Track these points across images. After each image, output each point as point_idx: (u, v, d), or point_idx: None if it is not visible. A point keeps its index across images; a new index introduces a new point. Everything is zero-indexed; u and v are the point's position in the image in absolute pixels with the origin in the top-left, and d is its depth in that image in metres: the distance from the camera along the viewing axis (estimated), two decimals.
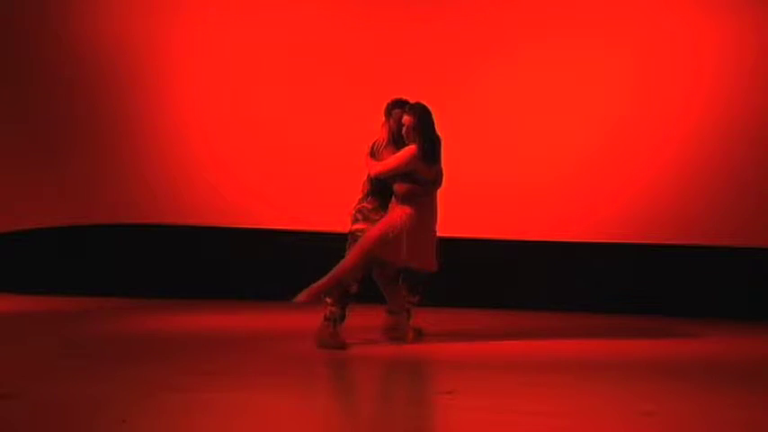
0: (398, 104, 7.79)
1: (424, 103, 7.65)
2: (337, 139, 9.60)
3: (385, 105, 7.87)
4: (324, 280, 7.55)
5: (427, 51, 9.68)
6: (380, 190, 7.73)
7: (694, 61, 9.27)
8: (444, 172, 7.66)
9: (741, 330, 8.66)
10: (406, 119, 7.61)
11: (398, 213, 7.57)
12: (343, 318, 7.65)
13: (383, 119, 7.83)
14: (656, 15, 9.34)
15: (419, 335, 7.87)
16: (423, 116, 7.60)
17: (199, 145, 10.39)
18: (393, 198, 7.65)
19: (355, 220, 7.77)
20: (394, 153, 7.64)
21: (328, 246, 8.11)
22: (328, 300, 7.62)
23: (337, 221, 8.00)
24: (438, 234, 7.71)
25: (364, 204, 7.78)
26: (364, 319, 7.88)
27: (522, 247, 9.68)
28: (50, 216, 10.65)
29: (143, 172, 10.48)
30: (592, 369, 6.87)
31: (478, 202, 9.47)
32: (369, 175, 7.77)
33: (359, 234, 7.68)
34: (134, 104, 10.51)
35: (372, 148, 7.76)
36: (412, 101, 7.72)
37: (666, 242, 9.34)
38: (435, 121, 7.63)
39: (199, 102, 10.39)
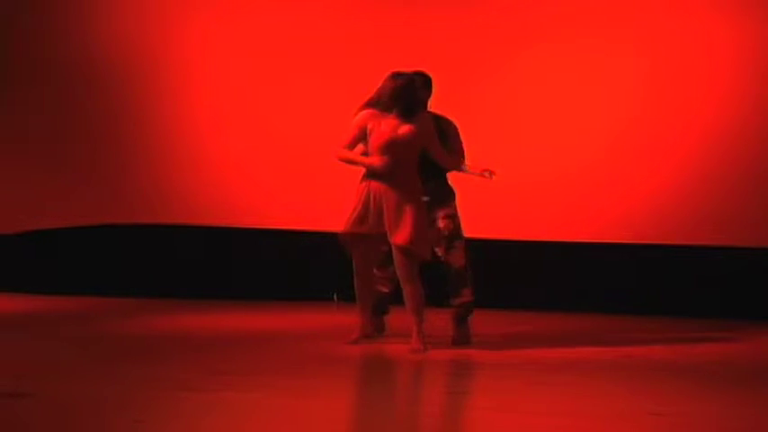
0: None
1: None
2: None
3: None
4: (415, 324, 7.38)
5: (436, 51, 9.68)
6: None
7: (708, 61, 9.26)
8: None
9: (749, 330, 8.66)
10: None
11: (415, 203, 7.31)
12: (382, 328, 7.81)
13: None
14: (670, 15, 9.34)
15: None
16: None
17: (208, 145, 10.41)
18: (403, 183, 7.32)
19: None
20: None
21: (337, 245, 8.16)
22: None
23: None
24: None
25: None
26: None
27: (530, 248, 9.69)
28: (57, 217, 10.70)
29: (148, 172, 10.52)
30: (598, 369, 6.87)
31: (486, 201, 9.40)
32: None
33: None
34: (137, 105, 10.56)
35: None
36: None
37: (678, 243, 9.33)
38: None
39: (205, 102, 10.43)
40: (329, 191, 9.64)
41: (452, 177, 7.86)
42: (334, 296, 9.82)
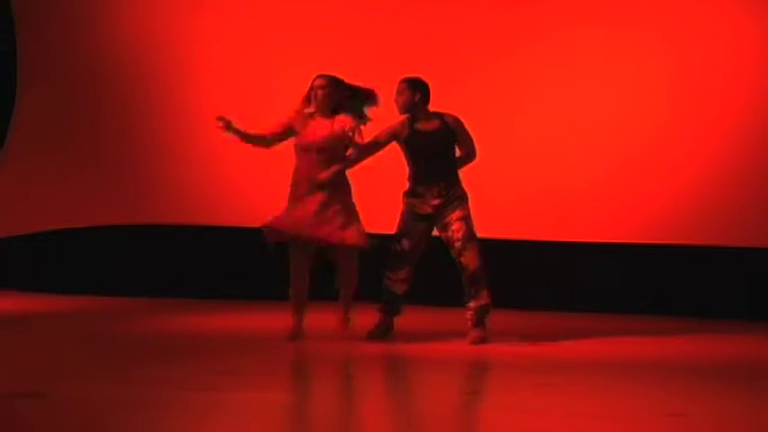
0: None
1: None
2: None
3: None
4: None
5: (440, 49, 9.60)
6: None
7: (733, 60, 9.16)
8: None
9: (761, 330, 8.59)
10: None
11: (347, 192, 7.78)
12: (391, 329, 7.86)
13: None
14: (695, 13, 9.24)
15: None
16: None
17: (210, 145, 10.27)
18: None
19: None
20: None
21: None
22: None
23: None
24: None
25: None
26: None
27: (552, 248, 9.60)
28: (57, 217, 10.60)
29: (149, 172, 10.44)
30: (613, 369, 6.82)
31: (495, 201, 9.30)
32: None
33: None
34: (139, 106, 10.48)
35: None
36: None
37: (705, 243, 9.25)
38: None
39: (210, 102, 10.29)
40: None
41: (464, 178, 7.84)
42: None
